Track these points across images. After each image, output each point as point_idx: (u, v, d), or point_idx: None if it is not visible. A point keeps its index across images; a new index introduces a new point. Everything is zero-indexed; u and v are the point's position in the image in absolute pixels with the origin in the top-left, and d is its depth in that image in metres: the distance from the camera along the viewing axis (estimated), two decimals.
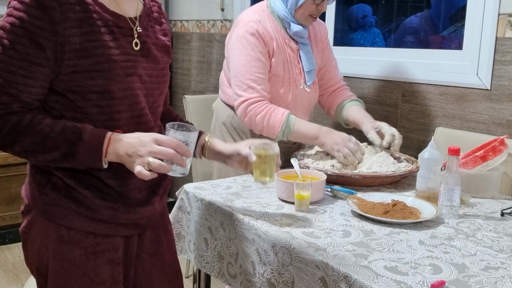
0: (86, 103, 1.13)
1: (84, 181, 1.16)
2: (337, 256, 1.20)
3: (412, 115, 2.23)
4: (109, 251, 1.21)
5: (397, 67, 2.28)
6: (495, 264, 1.18)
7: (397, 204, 1.48)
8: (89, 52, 1.10)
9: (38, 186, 1.18)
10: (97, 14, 1.13)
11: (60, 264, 1.18)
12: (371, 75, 2.38)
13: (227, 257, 1.51)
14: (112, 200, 1.19)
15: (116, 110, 1.16)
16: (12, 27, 1.06)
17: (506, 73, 1.90)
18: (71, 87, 1.11)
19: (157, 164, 1.08)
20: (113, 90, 1.13)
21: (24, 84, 1.08)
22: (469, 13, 2.00)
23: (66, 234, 1.17)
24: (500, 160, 1.65)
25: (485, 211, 1.55)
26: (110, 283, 1.22)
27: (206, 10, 3.45)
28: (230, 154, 1.39)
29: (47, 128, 1.09)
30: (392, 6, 3.15)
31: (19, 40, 1.06)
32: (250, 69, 1.87)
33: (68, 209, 1.16)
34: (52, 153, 1.10)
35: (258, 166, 1.36)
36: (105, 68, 1.12)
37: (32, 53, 1.07)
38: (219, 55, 3.38)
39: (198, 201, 1.62)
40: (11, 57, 1.06)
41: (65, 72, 1.10)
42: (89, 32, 1.10)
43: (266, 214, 1.46)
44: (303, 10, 1.93)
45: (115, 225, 1.21)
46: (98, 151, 1.10)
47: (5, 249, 3.19)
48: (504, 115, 1.91)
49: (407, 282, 1.08)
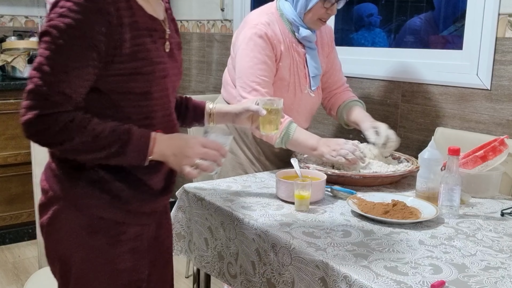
0: (127, 102, 1.18)
1: (118, 174, 1.21)
2: (337, 256, 1.20)
3: (412, 115, 2.23)
4: (131, 240, 1.26)
5: (397, 67, 2.28)
6: (495, 264, 1.18)
7: (397, 204, 1.48)
8: (135, 55, 1.15)
9: (70, 179, 1.21)
10: (140, 18, 1.18)
11: (85, 252, 1.22)
12: (371, 75, 2.38)
13: (227, 257, 1.51)
14: (140, 191, 1.25)
15: (152, 110, 1.22)
16: (68, 28, 1.08)
17: (506, 73, 1.90)
18: (115, 88, 1.16)
19: (206, 165, 1.20)
20: (152, 91, 1.20)
21: (77, 85, 1.11)
22: (469, 13, 2.00)
23: (95, 223, 1.22)
24: (500, 160, 1.65)
25: (485, 211, 1.55)
26: (131, 270, 1.27)
27: (206, 10, 3.45)
28: (239, 112, 1.49)
29: (98, 128, 1.13)
30: (392, 6, 3.15)
31: (76, 42, 1.09)
32: (255, 72, 1.86)
33: (101, 200, 1.21)
34: (102, 152, 1.14)
35: (266, 119, 1.49)
36: (148, 71, 1.18)
37: (87, 55, 1.10)
38: (219, 55, 3.38)
39: (198, 201, 1.62)
40: (66, 57, 1.09)
41: (113, 74, 1.14)
42: (136, 36, 1.16)
43: (266, 214, 1.46)
44: (312, 14, 1.90)
45: (140, 214, 1.28)
46: (144, 151, 1.16)
47: (5, 249, 3.19)
48: (504, 115, 1.91)
49: (407, 282, 1.08)
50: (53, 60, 1.09)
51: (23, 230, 3.27)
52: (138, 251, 1.29)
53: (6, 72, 3.29)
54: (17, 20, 3.67)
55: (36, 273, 1.81)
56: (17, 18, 3.67)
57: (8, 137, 3.11)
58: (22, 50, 3.25)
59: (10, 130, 3.11)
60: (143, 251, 1.30)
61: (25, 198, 3.15)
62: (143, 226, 1.30)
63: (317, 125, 2.60)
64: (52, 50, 1.09)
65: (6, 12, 3.63)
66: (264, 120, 1.50)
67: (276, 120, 1.51)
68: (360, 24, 3.03)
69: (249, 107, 1.48)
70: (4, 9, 3.62)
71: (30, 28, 3.66)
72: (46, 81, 1.09)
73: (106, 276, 1.24)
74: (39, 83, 1.09)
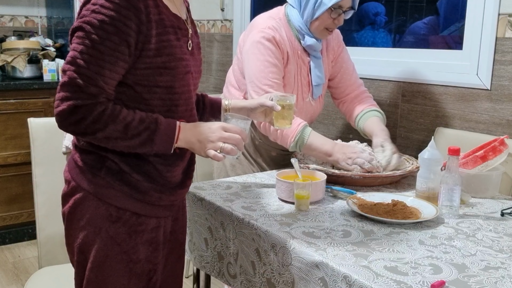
0: (151, 95, 1.24)
1: (137, 167, 1.27)
2: (337, 256, 1.20)
3: (412, 115, 2.23)
4: (147, 232, 1.31)
5: (397, 67, 2.29)
6: (495, 264, 1.18)
7: (397, 204, 1.48)
8: (161, 51, 1.22)
9: (92, 169, 1.26)
10: (166, 16, 1.25)
11: (103, 242, 1.26)
12: (371, 75, 2.38)
13: (227, 257, 1.51)
14: (159, 184, 1.30)
15: (175, 104, 1.28)
16: (101, 24, 1.14)
17: (506, 73, 1.90)
18: (141, 81, 1.22)
19: (230, 148, 1.26)
20: (175, 86, 1.26)
21: (109, 78, 1.18)
22: (469, 13, 2.00)
23: (115, 213, 1.26)
24: (500, 160, 1.65)
25: (485, 211, 1.55)
26: (144, 262, 1.31)
27: (206, 10, 3.45)
28: (254, 107, 1.55)
29: (129, 118, 1.19)
30: (392, 5, 3.15)
31: (109, 37, 1.15)
32: (267, 75, 1.84)
33: (121, 191, 1.26)
34: (133, 140, 1.20)
35: (280, 114, 1.53)
36: (172, 66, 1.24)
37: (120, 50, 1.16)
38: (219, 55, 3.38)
39: (198, 201, 1.62)
40: (101, 52, 1.15)
41: (140, 68, 1.21)
42: (162, 33, 1.22)
43: (266, 214, 1.46)
44: (319, 23, 1.88)
45: (158, 207, 1.32)
46: (171, 138, 1.23)
47: (5, 249, 3.19)
48: (504, 115, 1.91)
49: (407, 282, 1.08)
50: (88, 54, 1.15)
51: (23, 230, 3.27)
52: (154, 242, 1.33)
53: (6, 72, 3.29)
54: (17, 20, 3.68)
55: (36, 273, 1.81)
56: (17, 18, 3.67)
57: (8, 137, 3.11)
58: (22, 50, 3.25)
59: (10, 130, 3.11)
60: (158, 243, 1.34)
61: (25, 198, 3.15)
62: (160, 219, 1.34)
63: (317, 125, 2.60)
64: (86, 44, 1.15)
65: (6, 12, 3.63)
66: (277, 115, 1.54)
67: (289, 115, 1.54)
68: (366, 22, 3.01)
69: (264, 103, 1.53)
70: (4, 9, 3.62)
71: (30, 28, 3.66)
72: (81, 74, 1.15)
73: (122, 266, 1.28)
74: (74, 75, 1.15)
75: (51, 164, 1.86)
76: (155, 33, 1.21)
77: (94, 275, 1.27)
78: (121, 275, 1.28)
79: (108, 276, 1.27)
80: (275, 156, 2.04)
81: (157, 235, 1.33)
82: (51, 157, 1.87)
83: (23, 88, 3.09)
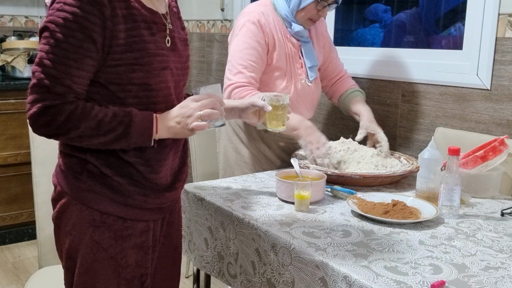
0: (126, 94, 1.21)
1: (118, 169, 1.24)
2: (337, 256, 1.20)
3: (412, 115, 2.23)
4: (135, 236, 1.28)
5: (397, 67, 2.28)
6: (495, 264, 1.18)
7: (397, 204, 1.48)
8: (132, 46, 1.18)
9: (74, 173, 1.24)
10: (137, 10, 1.21)
11: (89, 247, 1.24)
12: (371, 75, 2.38)
13: (227, 257, 1.51)
14: (143, 186, 1.27)
15: (152, 102, 1.24)
16: (65, 22, 1.12)
17: (506, 73, 1.90)
18: (113, 79, 1.19)
19: (209, 111, 1.21)
20: (151, 83, 1.22)
21: (77, 76, 1.15)
22: (469, 13, 2.00)
23: (98, 218, 1.24)
24: (500, 160, 1.65)
25: (485, 211, 1.55)
26: (134, 267, 1.29)
27: (206, 10, 3.45)
28: (245, 107, 1.51)
29: (101, 114, 1.16)
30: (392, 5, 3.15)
31: (73, 34, 1.12)
32: (244, 56, 1.90)
33: (102, 195, 1.23)
34: (107, 135, 1.17)
35: (272, 115, 1.50)
36: (145, 62, 1.20)
37: (85, 47, 1.13)
38: (219, 55, 3.38)
39: (198, 201, 1.62)
40: (65, 50, 1.13)
41: (110, 65, 1.17)
42: (132, 27, 1.19)
43: (266, 214, 1.46)
44: (305, 13, 1.96)
45: (144, 210, 1.29)
46: (149, 130, 1.20)
47: (5, 249, 3.19)
48: (504, 115, 1.91)
49: (407, 282, 1.08)
50: (53, 54, 1.13)
51: (23, 230, 3.27)
52: (144, 247, 1.30)
53: (6, 72, 3.28)
54: (17, 20, 3.67)
55: (36, 273, 1.81)
56: (17, 18, 3.67)
57: (8, 137, 3.11)
58: (22, 50, 3.25)
59: (10, 130, 3.11)
60: (148, 247, 1.31)
61: (25, 198, 3.15)
62: (149, 222, 1.31)
63: (317, 125, 2.59)
64: (51, 44, 1.13)
65: (6, 12, 3.63)
66: (270, 116, 1.50)
67: (282, 116, 1.51)
68: (375, 18, 3.04)
69: (255, 102, 1.50)
70: (4, 9, 3.62)
71: (30, 28, 3.66)
72: (47, 74, 1.13)
73: (110, 271, 1.26)
74: (41, 76, 1.13)
75: (51, 164, 1.84)
76: (124, 28, 1.17)
77: (83, 280, 1.25)
78: (110, 280, 1.26)
79: (97, 282, 1.25)
80: (283, 146, 2.06)
81: (147, 239, 1.31)
82: (51, 157, 1.87)
83: (23, 88, 3.09)
